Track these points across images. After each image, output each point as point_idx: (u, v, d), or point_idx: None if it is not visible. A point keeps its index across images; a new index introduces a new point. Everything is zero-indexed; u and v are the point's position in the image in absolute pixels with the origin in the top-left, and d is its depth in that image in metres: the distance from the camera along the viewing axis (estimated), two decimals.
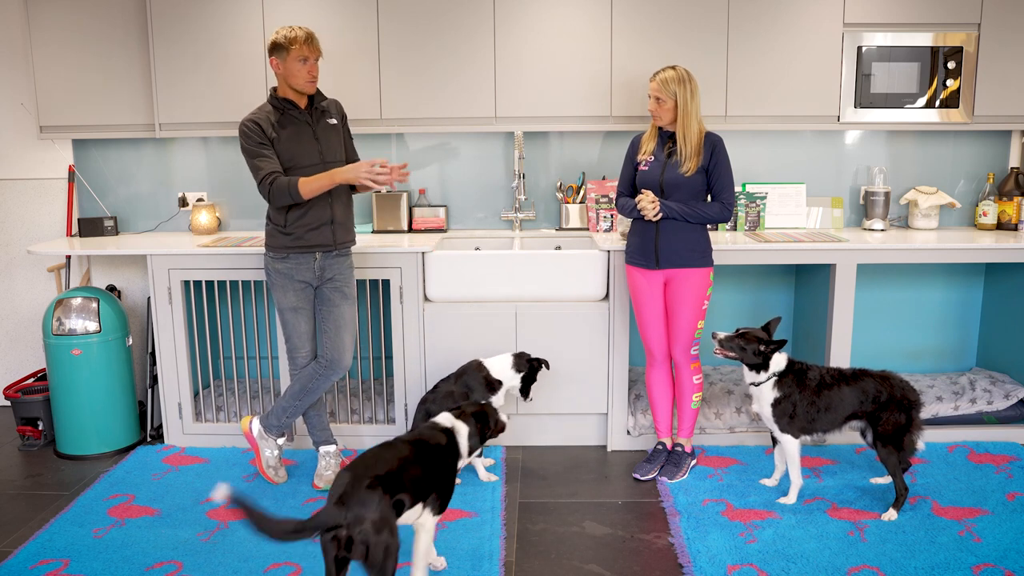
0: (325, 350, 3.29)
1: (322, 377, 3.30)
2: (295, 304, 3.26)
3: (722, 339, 3.14)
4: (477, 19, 3.78)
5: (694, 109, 3.19)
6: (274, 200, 3.10)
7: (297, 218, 3.17)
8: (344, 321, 3.30)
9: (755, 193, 4.05)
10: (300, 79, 3.08)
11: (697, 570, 2.69)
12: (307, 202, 3.14)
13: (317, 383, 3.30)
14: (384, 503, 2.23)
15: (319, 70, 3.16)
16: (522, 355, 3.46)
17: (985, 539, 2.87)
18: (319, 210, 3.18)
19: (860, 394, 3.09)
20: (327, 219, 3.20)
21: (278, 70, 3.09)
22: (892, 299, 4.22)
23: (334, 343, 3.28)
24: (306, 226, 3.17)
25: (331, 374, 3.30)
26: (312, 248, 3.20)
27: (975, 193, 4.18)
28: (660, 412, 3.51)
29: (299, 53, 3.03)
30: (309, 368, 3.31)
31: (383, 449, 2.42)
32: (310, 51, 3.06)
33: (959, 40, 3.77)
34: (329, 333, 3.29)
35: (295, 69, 3.06)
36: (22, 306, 4.38)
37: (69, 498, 3.32)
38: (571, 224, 4.13)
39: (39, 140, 4.15)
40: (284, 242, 3.20)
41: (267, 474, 3.38)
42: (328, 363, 3.29)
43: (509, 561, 2.79)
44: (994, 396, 3.82)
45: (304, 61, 3.06)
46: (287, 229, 3.18)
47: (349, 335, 3.31)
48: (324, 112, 3.23)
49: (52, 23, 3.85)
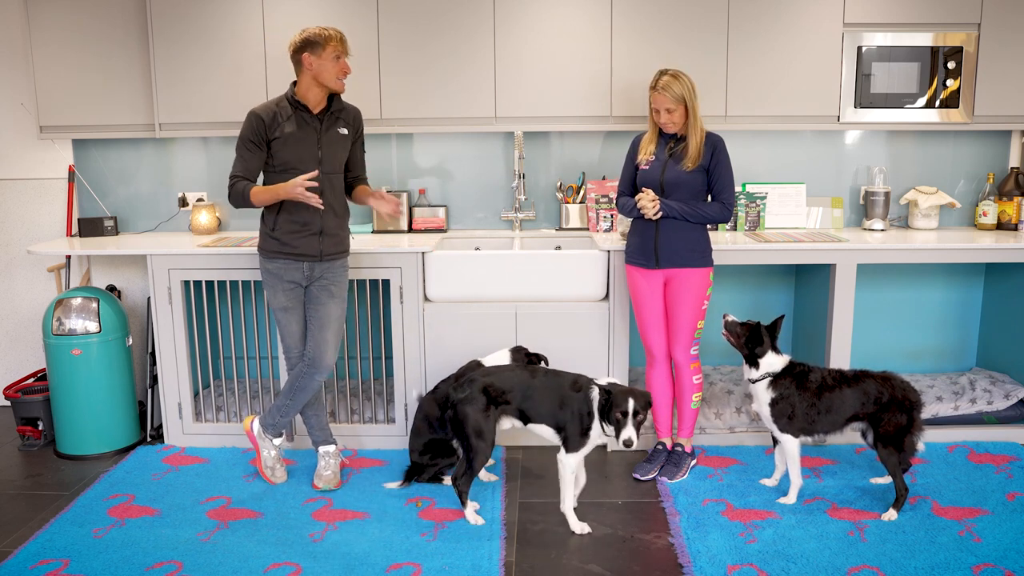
0: (308, 348, 3.28)
1: (307, 376, 3.28)
2: (285, 304, 3.25)
3: (728, 321, 3.20)
4: (477, 19, 3.78)
5: (698, 108, 3.22)
6: (231, 199, 3.16)
7: (284, 223, 3.16)
8: (328, 319, 3.27)
9: (755, 193, 4.05)
10: (332, 76, 3.08)
11: (697, 570, 2.69)
12: (296, 210, 3.14)
13: (303, 382, 3.30)
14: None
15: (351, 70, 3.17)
16: (520, 349, 3.46)
17: (985, 539, 2.87)
18: (308, 220, 3.16)
19: (861, 396, 3.09)
20: (316, 229, 3.19)
21: (310, 67, 3.07)
22: (892, 299, 4.22)
23: (316, 341, 3.27)
24: (294, 234, 3.17)
25: (314, 372, 3.28)
26: (299, 256, 3.20)
27: (975, 193, 4.18)
28: (660, 412, 3.51)
29: (335, 50, 3.05)
30: (297, 367, 3.31)
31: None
32: (344, 49, 3.08)
33: (959, 40, 3.77)
34: (313, 331, 3.27)
35: (329, 66, 3.07)
36: (22, 306, 4.38)
37: (69, 498, 3.32)
38: (571, 224, 4.13)
39: (39, 140, 4.15)
40: (273, 246, 3.20)
41: (265, 474, 3.38)
42: (310, 361, 3.27)
43: (509, 561, 2.79)
44: (994, 396, 3.82)
45: (338, 58, 3.07)
46: (274, 234, 3.18)
47: (332, 333, 3.28)
48: (337, 120, 3.21)
49: (52, 23, 3.85)
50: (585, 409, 2.95)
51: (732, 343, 3.21)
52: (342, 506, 3.18)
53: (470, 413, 3.00)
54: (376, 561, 2.77)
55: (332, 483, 3.33)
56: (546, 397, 3.01)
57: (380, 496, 3.26)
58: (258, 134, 3.10)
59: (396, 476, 3.43)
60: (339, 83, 3.12)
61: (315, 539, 2.93)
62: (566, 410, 2.99)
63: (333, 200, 3.21)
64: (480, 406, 3.00)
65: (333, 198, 3.21)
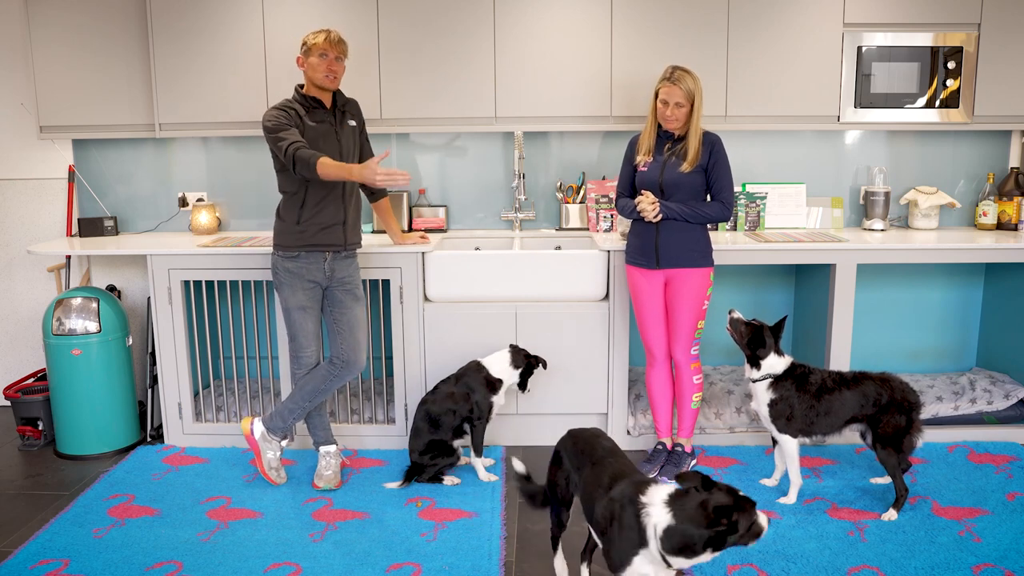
0: (341, 351, 3.30)
1: (337, 378, 3.31)
2: (303, 303, 3.26)
3: (733, 318, 3.19)
4: (477, 19, 3.78)
5: (701, 109, 3.21)
6: (296, 167, 3.04)
7: (311, 216, 3.20)
8: (358, 321, 3.33)
9: (755, 193, 4.05)
10: (318, 73, 3.15)
11: (697, 570, 2.69)
12: (322, 201, 3.19)
13: (331, 383, 3.31)
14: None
15: (341, 71, 3.21)
16: (518, 350, 3.46)
17: (985, 539, 2.87)
18: (333, 210, 3.22)
19: (860, 398, 3.09)
20: (340, 219, 3.25)
21: (301, 66, 3.19)
22: (892, 299, 4.22)
23: (349, 343, 3.30)
24: (319, 225, 3.21)
25: (346, 374, 3.31)
26: (323, 248, 3.23)
27: (975, 193, 4.18)
28: (660, 412, 3.51)
29: (319, 49, 3.13)
30: (322, 369, 3.31)
31: None
32: (329, 47, 3.13)
33: (959, 40, 3.77)
34: (344, 334, 3.30)
35: (314, 63, 3.15)
36: (22, 306, 4.38)
37: (69, 498, 3.32)
38: (571, 224, 4.13)
39: (39, 140, 4.15)
40: (295, 240, 3.21)
41: (268, 475, 3.38)
42: (344, 363, 3.30)
43: (509, 561, 2.79)
44: (994, 396, 3.82)
45: (323, 56, 3.13)
46: (300, 227, 3.20)
47: (363, 334, 3.35)
48: (345, 112, 3.30)
49: (52, 23, 3.85)
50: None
51: (736, 340, 3.21)
52: (342, 506, 3.18)
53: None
54: (376, 561, 2.77)
55: (332, 483, 3.33)
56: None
57: (380, 496, 3.26)
58: (291, 118, 3.12)
59: (396, 476, 3.43)
60: (326, 80, 3.17)
61: (315, 539, 2.93)
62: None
63: (352, 190, 3.30)
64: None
65: (352, 188, 3.30)
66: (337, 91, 3.28)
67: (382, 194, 3.57)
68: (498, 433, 3.75)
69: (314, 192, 3.18)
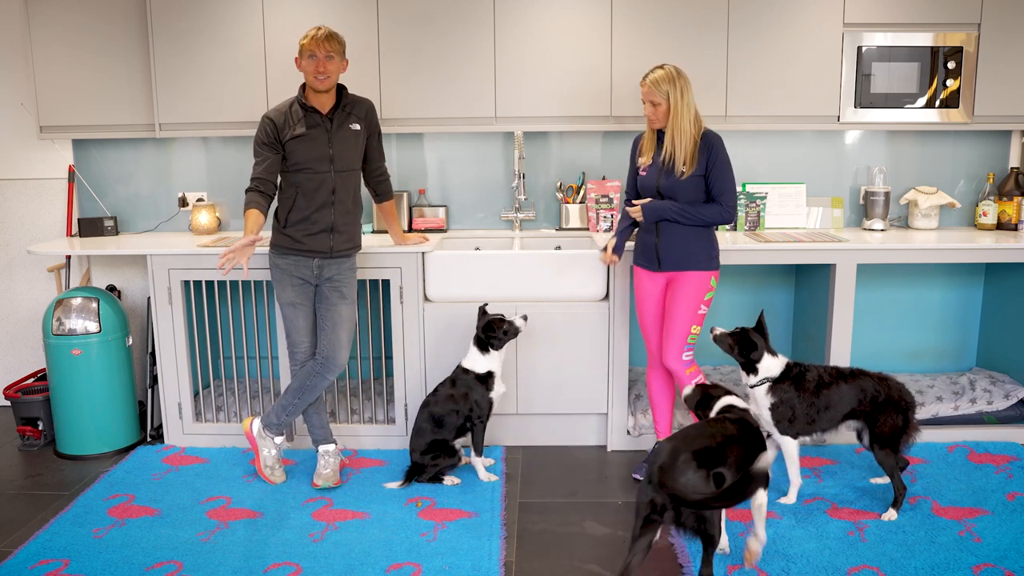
0: (322, 347, 3.31)
1: (318, 375, 3.31)
2: (293, 300, 3.29)
3: (716, 335, 3.17)
4: (477, 19, 3.78)
5: (684, 108, 3.10)
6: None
7: (296, 222, 3.23)
8: (340, 320, 3.31)
9: (755, 193, 4.05)
10: (308, 75, 3.17)
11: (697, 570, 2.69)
12: (309, 206, 3.23)
13: (314, 381, 3.32)
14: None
15: (334, 69, 3.17)
16: (479, 338, 3.40)
17: (985, 539, 2.87)
18: (319, 217, 3.23)
19: (858, 392, 3.09)
20: (326, 226, 3.25)
21: (299, 69, 3.21)
22: (892, 299, 4.22)
23: (330, 341, 3.30)
24: (304, 231, 3.24)
25: (326, 372, 3.31)
26: (310, 253, 3.25)
27: (975, 193, 4.18)
28: (660, 412, 3.50)
29: (307, 49, 3.14)
30: (308, 366, 3.32)
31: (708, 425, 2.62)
32: (316, 47, 3.12)
33: (959, 40, 3.77)
34: (327, 331, 3.31)
35: (304, 65, 3.16)
36: (22, 306, 4.38)
37: (69, 498, 3.32)
38: (571, 224, 4.13)
39: (39, 140, 4.15)
40: (284, 242, 3.27)
41: (264, 474, 3.39)
42: (323, 360, 3.31)
43: (509, 561, 2.79)
44: (994, 396, 3.82)
45: (311, 57, 3.13)
46: (286, 230, 3.25)
47: (345, 333, 3.32)
48: (348, 116, 3.27)
49: (52, 23, 3.85)
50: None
51: (727, 353, 3.18)
52: (342, 506, 3.18)
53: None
54: (376, 561, 2.77)
55: (331, 481, 3.33)
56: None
57: (380, 496, 3.26)
58: (271, 136, 3.18)
59: (396, 476, 3.43)
60: (316, 81, 3.16)
61: (315, 539, 2.93)
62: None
63: (345, 197, 3.28)
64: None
65: (345, 195, 3.28)
66: (343, 91, 3.26)
67: (387, 196, 3.56)
68: (498, 433, 3.76)
69: (303, 197, 3.22)
